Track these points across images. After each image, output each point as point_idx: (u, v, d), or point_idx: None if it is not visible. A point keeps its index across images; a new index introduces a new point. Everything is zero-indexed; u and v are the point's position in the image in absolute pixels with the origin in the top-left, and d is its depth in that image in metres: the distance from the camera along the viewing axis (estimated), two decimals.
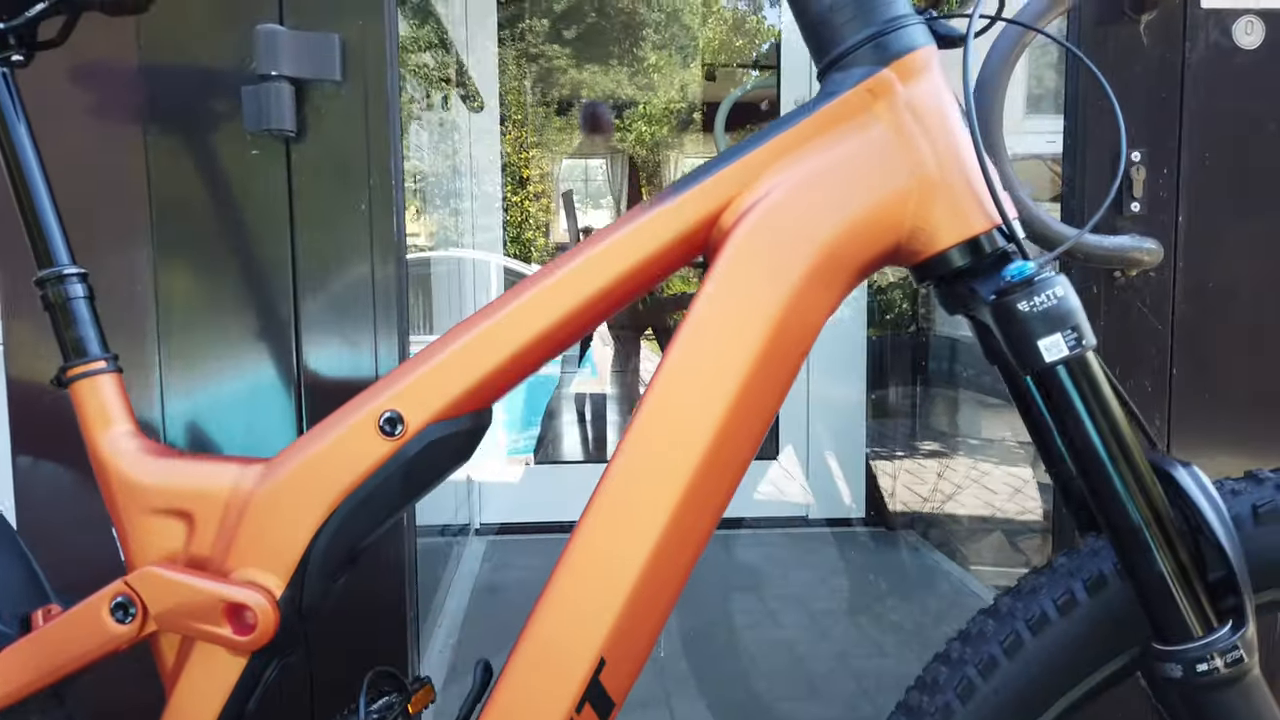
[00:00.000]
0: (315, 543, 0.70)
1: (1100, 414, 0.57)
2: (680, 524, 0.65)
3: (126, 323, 0.99)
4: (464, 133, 2.84)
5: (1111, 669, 0.63)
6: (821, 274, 0.63)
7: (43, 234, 0.75)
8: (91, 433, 0.74)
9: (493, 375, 0.68)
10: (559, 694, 0.66)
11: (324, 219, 1.00)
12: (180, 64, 0.97)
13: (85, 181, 0.98)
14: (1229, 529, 0.57)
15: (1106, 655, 0.62)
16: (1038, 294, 0.57)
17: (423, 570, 2.11)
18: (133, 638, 0.71)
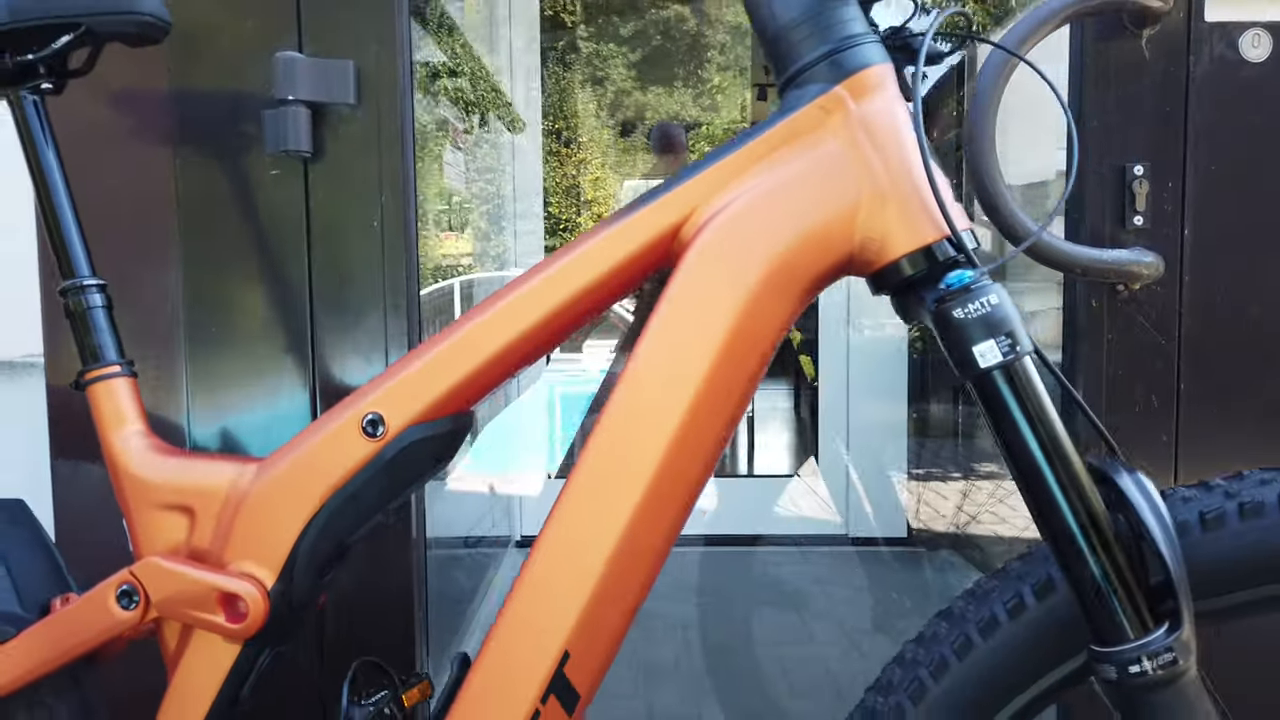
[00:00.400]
0: (303, 538, 0.74)
1: (1035, 419, 0.58)
2: (644, 521, 0.67)
3: (155, 334, 1.05)
4: (509, 154, 2.91)
5: (1063, 672, 0.63)
6: (776, 284, 0.65)
7: (66, 248, 0.81)
8: (106, 432, 0.80)
9: (468, 380, 0.72)
10: (525, 685, 0.68)
11: (338, 236, 1.05)
12: (207, 90, 1.04)
13: (119, 201, 1.05)
14: (1169, 534, 0.57)
15: (1057, 658, 0.63)
16: (972, 301, 0.58)
17: (460, 579, 2.15)
18: (136, 623, 0.76)
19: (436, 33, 2.06)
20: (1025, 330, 0.59)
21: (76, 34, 0.79)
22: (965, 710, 0.64)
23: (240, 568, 0.75)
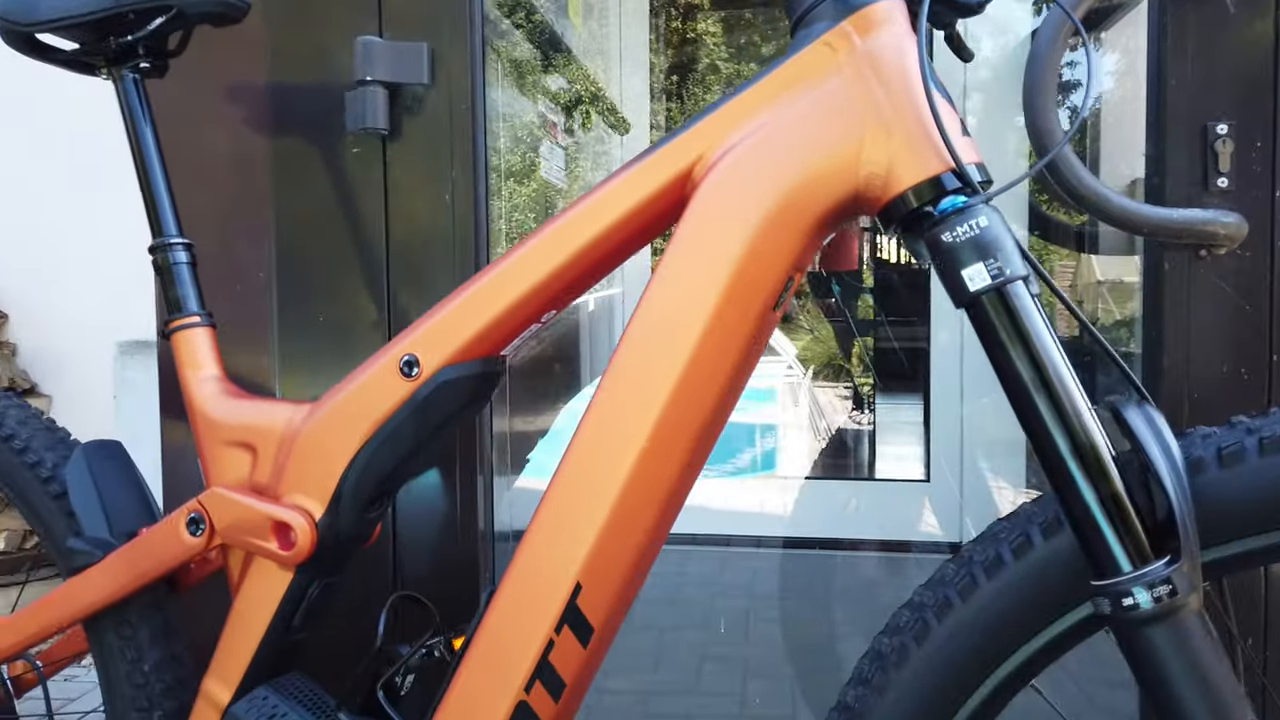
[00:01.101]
0: (348, 473, 0.79)
1: (1029, 346, 0.56)
2: (652, 457, 0.69)
3: (250, 299, 1.14)
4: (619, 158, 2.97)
5: (1074, 619, 0.61)
6: (781, 220, 0.66)
7: (156, 210, 0.90)
8: (184, 376, 0.88)
9: (496, 322, 0.75)
10: (540, 615, 0.71)
11: (413, 209, 1.11)
12: (298, 74, 1.12)
13: (222, 177, 1.14)
14: (1174, 466, 0.55)
15: (1066, 602, 0.60)
16: (961, 224, 0.58)
17: None
18: (202, 548, 0.83)
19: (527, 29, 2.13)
20: (1020, 255, 0.58)
21: (168, 16, 0.88)
22: (971, 653, 0.62)
23: (292, 500, 0.80)
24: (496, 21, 1.82)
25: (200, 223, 1.11)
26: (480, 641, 0.74)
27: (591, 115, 2.56)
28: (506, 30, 1.94)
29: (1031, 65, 0.95)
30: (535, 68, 2.16)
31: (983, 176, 0.64)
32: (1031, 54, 0.95)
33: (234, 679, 0.82)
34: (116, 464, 0.92)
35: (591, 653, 0.72)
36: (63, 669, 1.03)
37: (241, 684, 0.83)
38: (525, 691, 0.71)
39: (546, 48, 2.23)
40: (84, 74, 0.92)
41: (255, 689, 0.83)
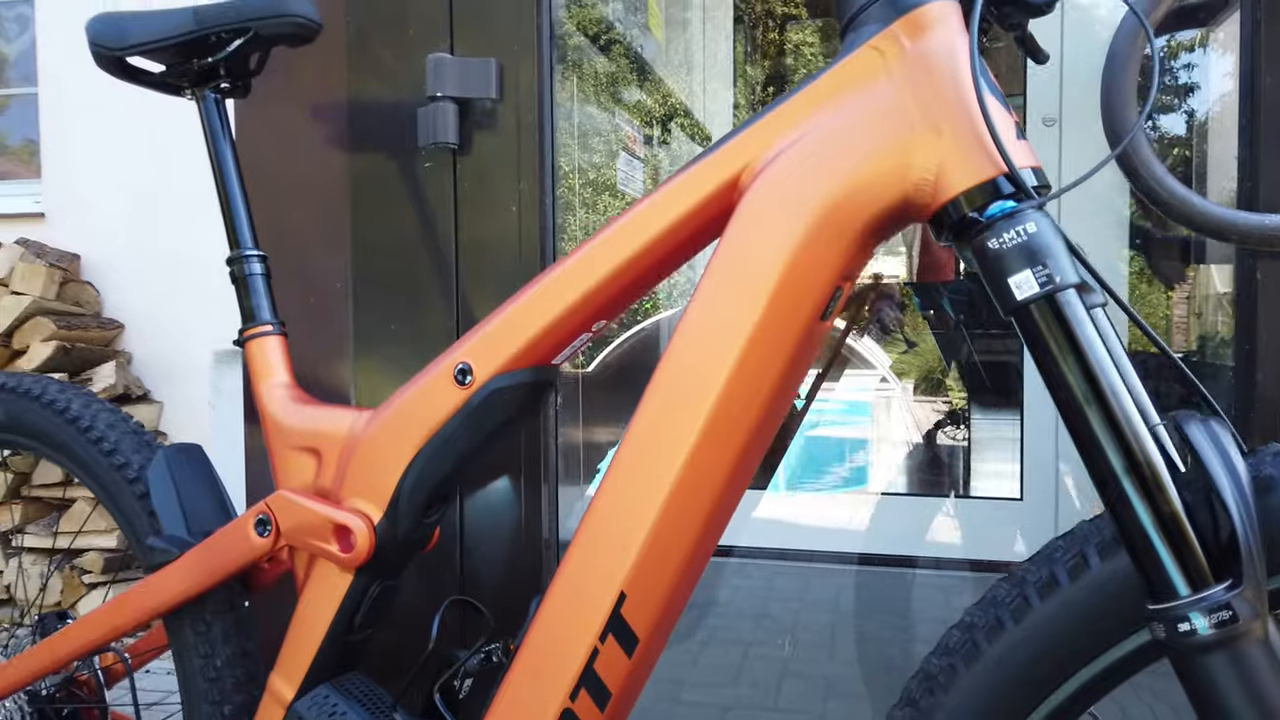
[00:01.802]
0: (405, 478, 0.81)
1: (1079, 357, 0.54)
2: (697, 468, 0.68)
3: (328, 307, 1.18)
4: None
5: (1132, 645, 0.57)
6: (828, 227, 0.65)
7: (234, 224, 0.94)
8: (256, 382, 0.91)
9: (547, 330, 0.76)
10: (584, 624, 0.71)
11: (482, 220, 1.14)
12: (375, 91, 1.16)
13: (304, 191, 1.19)
14: (1238, 483, 0.51)
15: (1123, 627, 0.57)
16: (1008, 230, 0.56)
17: None
18: (268, 549, 0.85)
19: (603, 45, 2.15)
20: (1071, 262, 0.55)
21: (246, 38, 0.92)
22: (1022, 677, 0.60)
23: (353, 504, 0.83)
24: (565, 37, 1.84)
25: (281, 236, 1.16)
26: (528, 649, 0.74)
27: (672, 129, 2.57)
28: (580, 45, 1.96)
29: (1109, 67, 0.91)
30: (614, 82, 2.18)
31: (1039, 181, 0.61)
32: (1109, 56, 0.91)
33: (298, 677, 0.85)
34: (196, 466, 0.96)
35: (637, 663, 0.72)
36: (148, 662, 1.08)
37: (304, 682, 0.85)
38: (571, 700, 0.71)
39: (623, 62, 2.25)
40: (170, 94, 0.97)
41: (317, 687, 0.85)
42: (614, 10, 2.23)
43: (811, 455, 4.04)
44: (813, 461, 3.97)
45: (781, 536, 2.82)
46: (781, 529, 2.85)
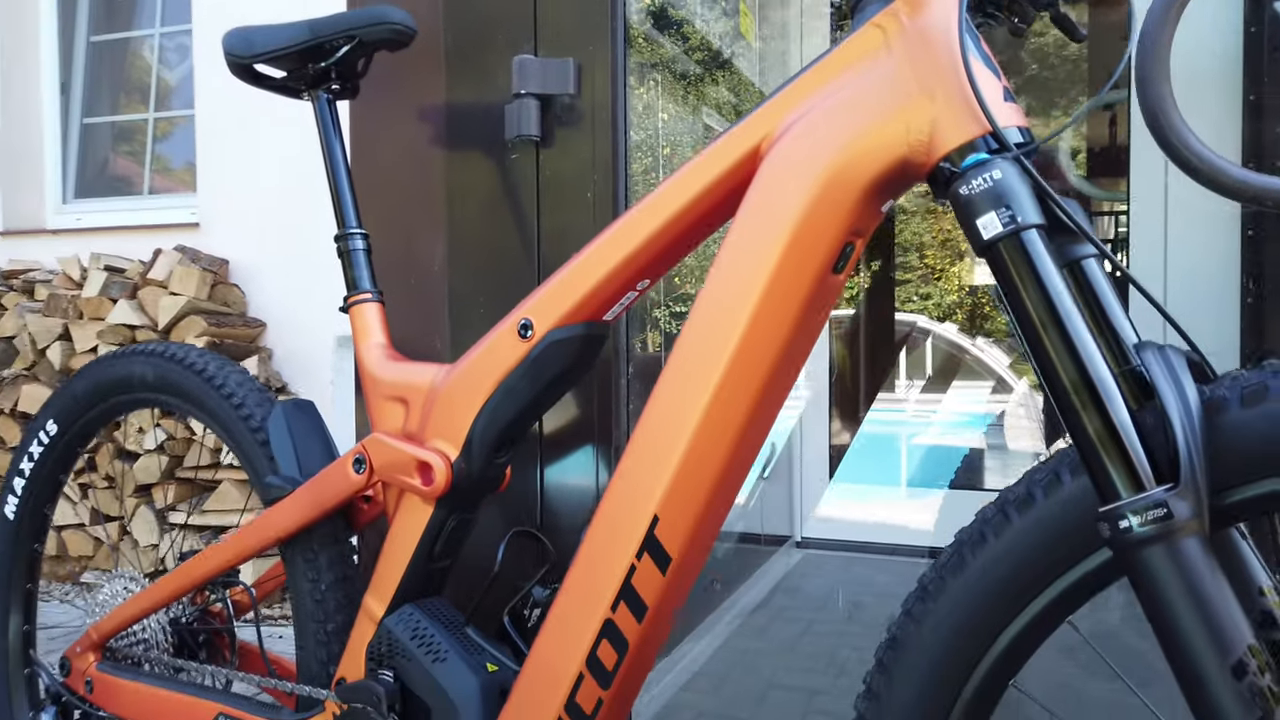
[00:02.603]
0: (477, 422, 0.92)
1: (1039, 288, 0.60)
2: (721, 404, 0.76)
3: (425, 288, 1.31)
4: None
5: (1104, 556, 0.63)
6: (834, 186, 0.72)
7: (340, 207, 1.08)
8: (357, 343, 1.05)
9: (597, 289, 0.86)
10: (623, 543, 0.80)
11: (560, 206, 1.25)
12: (467, 90, 1.29)
13: (406, 184, 1.33)
14: (1185, 401, 0.56)
15: (1095, 539, 0.62)
16: (976, 177, 0.62)
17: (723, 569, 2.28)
18: (363, 484, 0.98)
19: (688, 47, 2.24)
20: (1034, 205, 0.61)
21: (352, 44, 1.06)
22: (1004, 586, 0.66)
23: (433, 444, 0.94)
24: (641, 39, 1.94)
25: (387, 223, 1.30)
26: (575, 568, 0.84)
27: None
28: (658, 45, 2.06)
29: (1143, 41, 0.95)
30: (701, 81, 2.27)
31: (1025, 139, 0.67)
32: (1143, 30, 0.95)
33: (387, 597, 0.97)
34: (308, 419, 1.11)
35: (670, 582, 0.81)
36: (269, 594, 1.23)
37: (393, 601, 0.97)
38: (611, 610, 0.81)
39: (711, 64, 2.34)
40: (290, 97, 1.12)
41: (403, 606, 0.97)
42: (703, 14, 2.33)
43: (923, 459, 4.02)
44: (927, 466, 3.95)
45: (889, 534, 2.84)
46: (886, 528, 2.87)
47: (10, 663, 1.33)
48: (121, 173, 4.05)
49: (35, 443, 1.33)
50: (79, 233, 3.77)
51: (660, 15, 2.06)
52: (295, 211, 3.22)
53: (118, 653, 1.20)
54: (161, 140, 3.98)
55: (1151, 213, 2.34)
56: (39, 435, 1.32)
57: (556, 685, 0.84)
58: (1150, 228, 2.33)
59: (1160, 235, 2.34)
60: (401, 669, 0.95)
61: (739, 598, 2.31)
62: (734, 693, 1.89)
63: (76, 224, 3.86)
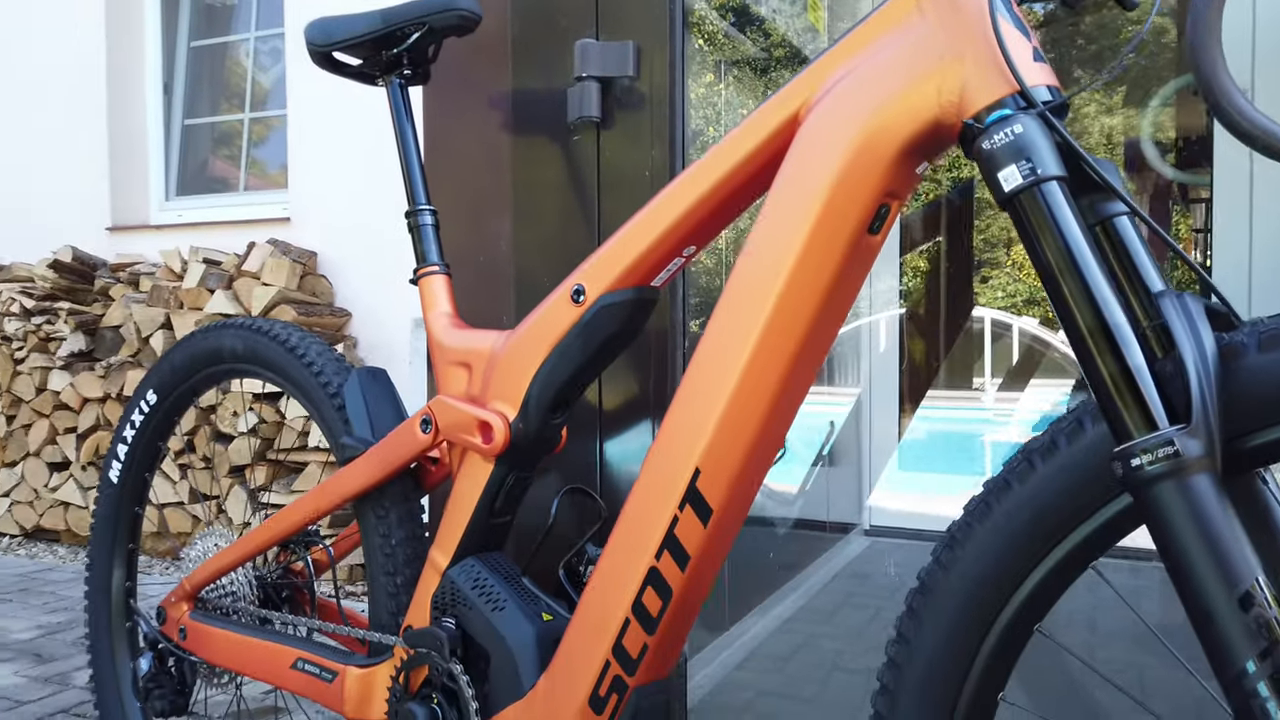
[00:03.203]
0: (533, 384, 0.97)
1: (1059, 237, 0.62)
2: (759, 363, 0.80)
3: (493, 265, 1.38)
4: None
5: (1125, 501, 0.64)
6: (867, 148, 0.75)
7: (410, 185, 1.14)
8: (425, 312, 1.11)
9: (645, 254, 0.90)
10: (667, 494, 0.84)
11: (619, 185, 1.29)
12: (532, 75, 1.35)
13: (475, 165, 1.39)
14: (1199, 344, 0.58)
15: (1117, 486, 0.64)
16: (999, 131, 0.64)
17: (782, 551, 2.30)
18: (429, 443, 1.04)
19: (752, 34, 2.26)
20: (1055, 158, 0.63)
21: (422, 31, 1.12)
22: (1028, 531, 0.67)
23: (494, 406, 1.00)
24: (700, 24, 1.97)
25: (457, 203, 1.37)
26: (623, 519, 0.88)
27: None
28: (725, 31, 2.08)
29: (1195, 6, 0.95)
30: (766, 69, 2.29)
31: (1053, 97, 0.69)
32: None
33: (451, 549, 1.03)
34: (381, 385, 1.18)
35: (711, 534, 0.84)
36: (346, 553, 1.31)
37: (456, 553, 1.03)
38: (656, 559, 0.85)
39: (776, 49, 2.36)
40: (366, 83, 1.20)
41: (466, 559, 1.03)
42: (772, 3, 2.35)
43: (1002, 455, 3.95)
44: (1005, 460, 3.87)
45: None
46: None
47: (113, 614, 1.44)
48: (219, 174, 4.26)
49: (137, 412, 1.43)
50: (180, 228, 3.98)
51: (729, 7, 2.09)
52: (379, 207, 3.35)
53: (208, 603, 1.29)
54: (257, 145, 4.17)
55: (1236, 197, 2.27)
56: (140, 405, 1.43)
57: (604, 630, 0.88)
58: (1235, 211, 2.26)
59: (1245, 219, 2.27)
60: (463, 617, 1.00)
61: (802, 581, 2.33)
62: (796, 673, 1.92)
63: (178, 220, 4.08)
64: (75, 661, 2.33)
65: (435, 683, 1.00)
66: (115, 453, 1.46)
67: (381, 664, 1.07)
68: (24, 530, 3.74)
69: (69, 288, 3.71)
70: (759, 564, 2.13)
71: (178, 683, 1.29)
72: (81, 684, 2.16)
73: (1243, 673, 0.54)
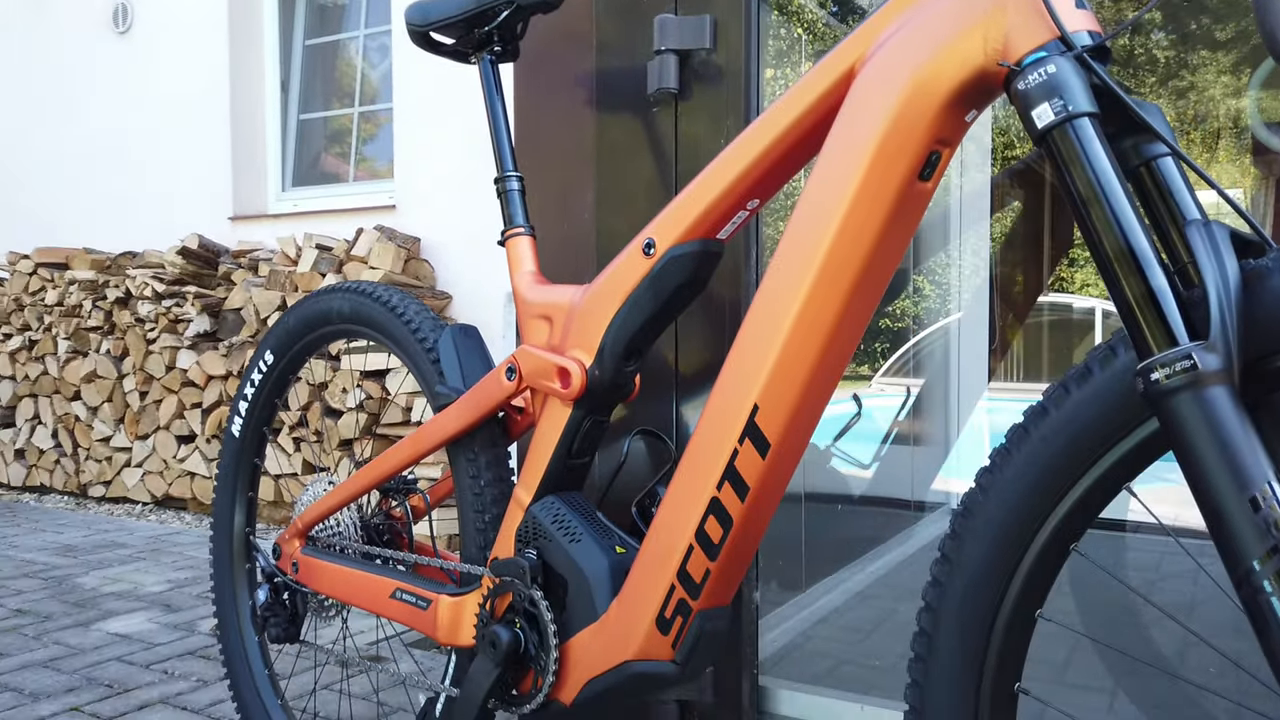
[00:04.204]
0: (607, 333, 1.05)
1: (1087, 169, 0.65)
2: (816, 299, 0.85)
3: (575, 236, 1.46)
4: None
5: (1155, 424, 0.67)
6: (918, 99, 0.79)
7: (500, 153, 1.23)
8: (512, 271, 1.20)
9: (710, 208, 0.96)
10: (727, 429, 0.91)
11: (695, 154, 1.36)
12: (614, 50, 1.42)
13: (563, 137, 1.47)
14: (1221, 268, 0.61)
15: (1142, 411, 0.67)
16: (1033, 72, 0.68)
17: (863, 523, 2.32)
18: (514, 390, 1.13)
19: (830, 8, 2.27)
20: (1088, 96, 0.67)
21: (511, 9, 1.21)
22: (1064, 453, 0.71)
23: (571, 354, 1.08)
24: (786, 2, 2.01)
25: (544, 174, 1.45)
26: (688, 454, 0.95)
27: None
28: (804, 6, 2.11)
29: None
30: None
31: (1095, 41, 0.72)
32: None
33: (533, 487, 1.12)
34: (472, 340, 1.27)
35: (770, 466, 0.90)
36: (442, 499, 1.41)
37: (538, 492, 1.12)
38: (717, 489, 0.91)
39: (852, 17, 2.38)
40: (459, 61, 1.29)
41: (546, 496, 1.11)
42: None
43: None
44: None
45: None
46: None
47: (235, 554, 1.58)
48: (330, 170, 4.48)
49: (256, 371, 1.57)
50: (295, 216, 4.21)
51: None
52: (478, 195, 3.49)
53: (318, 540, 1.41)
54: (366, 142, 4.38)
55: None
56: (259, 364, 1.56)
57: (670, 556, 0.95)
58: None
59: None
60: (544, 549, 1.09)
61: (882, 553, 2.35)
62: (869, 642, 1.95)
63: (293, 209, 4.32)
64: (200, 612, 2.53)
65: (518, 608, 1.09)
66: (237, 409, 1.60)
67: (470, 593, 1.16)
68: (154, 498, 4.03)
69: (195, 273, 3.97)
70: (838, 533, 2.17)
71: (290, 613, 1.41)
72: (205, 631, 2.34)
73: (1250, 570, 0.57)
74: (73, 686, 1.98)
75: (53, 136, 4.97)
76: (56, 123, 4.95)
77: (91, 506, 4.14)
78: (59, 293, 4.26)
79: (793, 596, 1.88)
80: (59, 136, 4.95)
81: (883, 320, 2.71)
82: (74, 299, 4.19)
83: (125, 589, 2.77)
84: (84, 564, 3.08)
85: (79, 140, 4.86)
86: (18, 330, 4.45)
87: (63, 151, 4.94)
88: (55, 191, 4.98)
